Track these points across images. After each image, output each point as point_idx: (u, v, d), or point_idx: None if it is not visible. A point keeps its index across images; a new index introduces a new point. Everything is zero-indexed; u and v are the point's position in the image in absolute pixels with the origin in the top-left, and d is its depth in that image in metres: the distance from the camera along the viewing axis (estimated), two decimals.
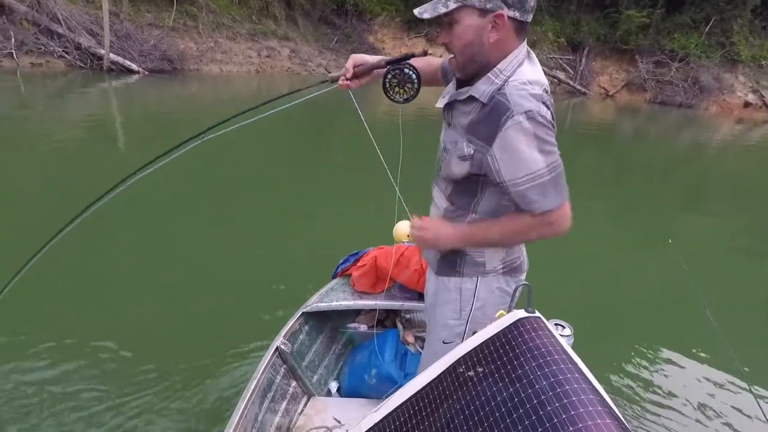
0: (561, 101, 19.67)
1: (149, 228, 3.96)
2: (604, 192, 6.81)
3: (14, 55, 10.21)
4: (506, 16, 1.07)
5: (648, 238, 5.28)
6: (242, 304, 3.00)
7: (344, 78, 1.36)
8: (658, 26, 21.38)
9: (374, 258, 2.10)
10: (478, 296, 1.35)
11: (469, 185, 1.24)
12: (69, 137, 6.57)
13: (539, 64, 1.19)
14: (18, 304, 2.55)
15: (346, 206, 4.99)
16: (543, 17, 21.89)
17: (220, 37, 15.38)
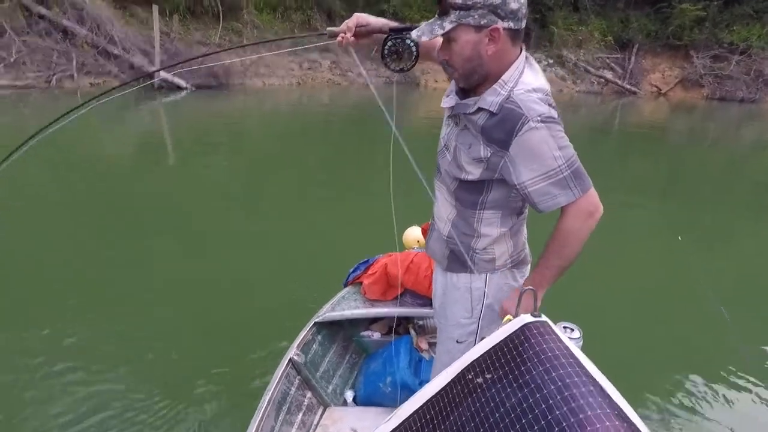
0: (609, 102, 18.90)
1: (160, 237, 4.05)
2: (637, 198, 6.38)
3: (75, 76, 10.99)
4: (501, 28, 1.11)
5: (663, 238, 4.84)
6: (254, 315, 2.99)
7: (344, 35, 1.34)
8: (715, 19, 20.11)
9: (384, 265, 2.08)
10: (488, 294, 1.36)
11: (477, 183, 1.26)
12: (122, 152, 6.97)
13: (539, 68, 1.23)
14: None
15: (356, 213, 4.94)
16: (589, 16, 21.18)
17: (264, 52, 15.91)
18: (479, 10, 1.09)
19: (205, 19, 14.43)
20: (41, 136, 1.54)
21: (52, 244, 3.82)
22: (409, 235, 2.34)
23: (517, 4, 1.12)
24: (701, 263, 4.19)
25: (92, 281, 3.29)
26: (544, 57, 20.65)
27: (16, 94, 9.98)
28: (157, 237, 4.02)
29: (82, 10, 11.50)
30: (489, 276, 1.36)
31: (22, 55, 10.50)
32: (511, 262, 1.37)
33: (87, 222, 4.30)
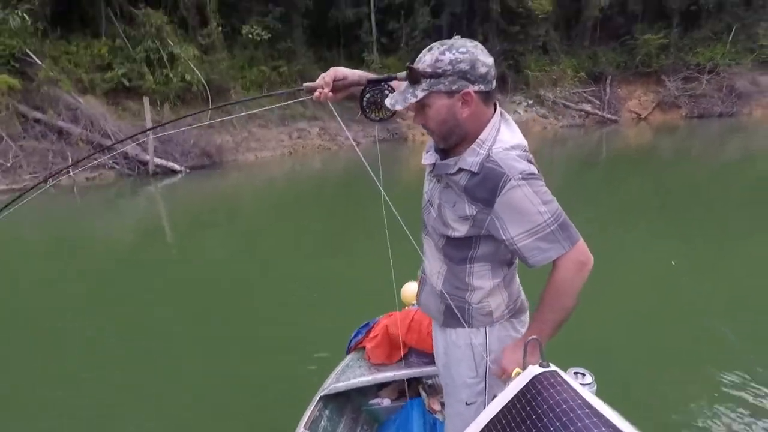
0: (593, 133, 19.36)
1: (162, 317, 3.97)
2: (633, 220, 6.34)
3: (71, 172, 11.26)
4: (472, 92, 1.14)
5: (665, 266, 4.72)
6: (253, 395, 2.83)
7: (321, 90, 1.33)
8: (678, 44, 21.15)
9: (385, 327, 2.03)
10: (491, 348, 1.33)
11: (465, 239, 1.26)
12: (119, 242, 6.96)
13: (515, 124, 1.25)
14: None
15: (352, 276, 4.83)
16: (559, 56, 22.19)
17: (253, 127, 16.43)
18: (450, 77, 1.12)
19: (194, 104, 15.01)
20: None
21: (58, 335, 3.76)
22: (407, 290, 2.30)
23: (486, 68, 1.15)
24: (698, 286, 4.09)
25: (106, 356, 3.24)
26: (523, 98, 21.40)
27: (12, 196, 10.16)
28: (160, 317, 3.94)
29: (77, 110, 11.97)
30: (488, 329, 1.33)
31: (18, 160, 10.78)
32: (508, 313, 1.35)
33: (93, 311, 4.24)
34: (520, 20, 19.78)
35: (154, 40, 13.44)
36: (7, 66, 11.33)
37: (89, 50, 13.32)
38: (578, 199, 8.06)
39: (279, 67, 17.32)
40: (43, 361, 3.35)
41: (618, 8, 21.90)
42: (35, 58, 11.72)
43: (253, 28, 16.14)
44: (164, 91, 13.91)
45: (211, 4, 15.33)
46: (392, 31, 20.29)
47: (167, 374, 3.14)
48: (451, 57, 1.11)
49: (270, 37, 16.49)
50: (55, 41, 12.94)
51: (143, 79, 13.44)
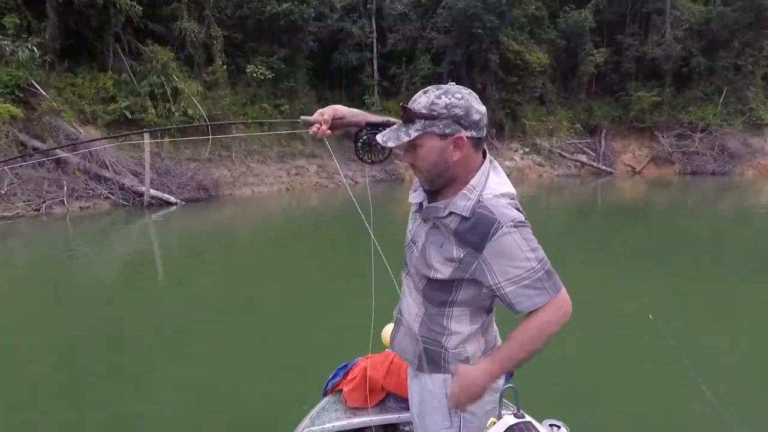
0: (588, 183, 19.62)
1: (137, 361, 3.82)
2: (622, 271, 6.29)
3: (65, 201, 11.18)
4: (465, 137, 1.17)
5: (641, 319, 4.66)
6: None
7: (319, 126, 1.38)
8: (671, 103, 21.82)
9: (364, 369, 1.98)
10: None
11: (446, 282, 1.25)
12: (109, 275, 6.85)
13: (503, 172, 1.27)
14: None
15: (335, 315, 4.80)
16: (555, 108, 22.80)
17: (252, 162, 16.55)
18: (444, 120, 1.15)
19: (194, 138, 15.17)
20: None
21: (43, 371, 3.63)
22: (387, 332, 2.21)
23: (479, 115, 1.17)
24: (679, 338, 4.04)
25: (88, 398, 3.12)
26: (520, 146, 21.80)
27: (4, 224, 10.02)
28: (136, 346, 3.78)
29: (76, 140, 12.04)
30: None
31: (13, 187, 10.72)
32: (482, 357, 1.32)
33: (78, 345, 4.12)
34: (518, 72, 20.43)
35: (160, 75, 13.72)
36: (11, 95, 11.48)
37: (94, 83, 13.56)
38: (570, 246, 8.09)
39: (281, 106, 17.66)
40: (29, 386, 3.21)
41: (612, 66, 22.72)
42: (40, 88, 11.89)
43: (257, 68, 16.56)
44: (165, 124, 14.05)
45: (218, 44, 15.75)
46: (394, 76, 20.86)
47: (133, 407, 3.02)
48: (447, 101, 1.14)
49: (273, 76, 16.90)
50: (62, 73, 13.20)
51: (146, 112, 13.63)
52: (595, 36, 22.45)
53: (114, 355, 3.95)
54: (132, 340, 4.27)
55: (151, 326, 4.61)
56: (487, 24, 18.56)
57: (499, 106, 20.78)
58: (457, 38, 19.53)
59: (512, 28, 20.17)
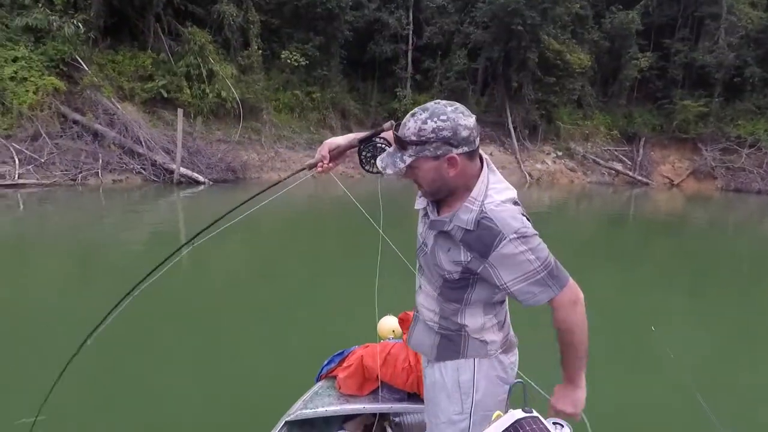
0: (621, 192, 18.95)
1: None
2: (646, 285, 6.04)
3: (99, 173, 11.63)
4: (456, 155, 1.21)
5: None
6: (217, 414, 2.76)
7: (322, 164, 1.46)
8: (719, 114, 20.73)
9: (360, 357, 1.99)
10: (478, 386, 1.38)
11: (460, 281, 1.32)
12: (137, 246, 7.13)
13: (499, 174, 1.31)
14: None
15: (329, 303, 4.81)
16: (593, 112, 22.07)
17: (281, 148, 16.76)
18: (434, 144, 1.19)
19: (226, 120, 15.46)
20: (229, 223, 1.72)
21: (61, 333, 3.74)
22: (384, 324, 2.26)
23: (467, 131, 1.20)
24: (688, 351, 3.93)
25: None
26: (552, 149, 21.24)
27: (42, 191, 10.52)
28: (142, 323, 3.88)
29: (114, 115, 12.47)
30: (477, 365, 1.38)
31: (52, 156, 11.23)
32: (500, 348, 1.40)
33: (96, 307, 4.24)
34: (557, 72, 19.84)
35: (197, 56, 14.01)
36: (56, 69, 11.95)
37: (134, 61, 13.98)
38: (593, 254, 7.86)
39: (312, 93, 17.77)
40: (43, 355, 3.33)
41: (657, 71, 21.76)
42: (83, 63, 12.34)
43: (291, 54, 16.68)
44: (199, 104, 14.39)
45: (255, 29, 15.92)
46: (427, 70, 20.64)
47: (134, 384, 3.09)
48: (434, 125, 1.19)
49: (307, 63, 16.98)
50: (104, 50, 13.66)
51: (181, 91, 13.96)
52: (642, 39, 21.53)
53: (131, 327, 4.06)
54: (147, 312, 4.38)
55: (165, 301, 4.72)
56: (528, 21, 18.06)
57: (534, 106, 20.27)
58: (496, 34, 19.10)
59: (554, 26, 19.56)
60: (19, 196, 9.89)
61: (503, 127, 20.63)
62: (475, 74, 20.77)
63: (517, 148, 20.25)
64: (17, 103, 11.17)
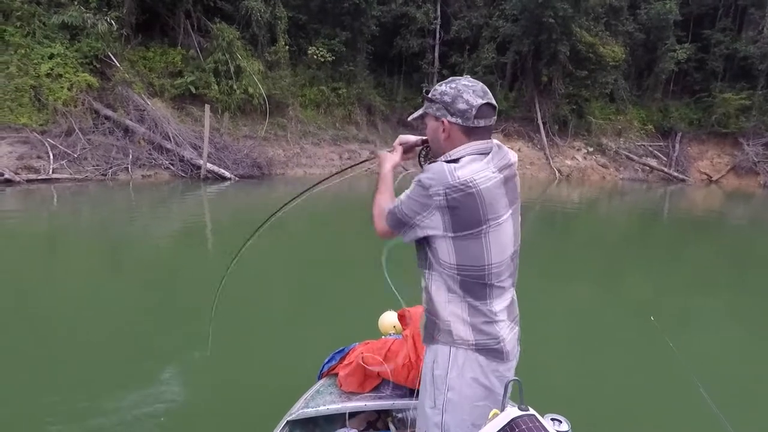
0: (656, 189, 18.27)
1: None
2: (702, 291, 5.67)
3: (129, 169, 11.83)
4: (448, 122, 1.36)
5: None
6: (220, 413, 2.69)
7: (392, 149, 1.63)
8: (762, 107, 19.71)
9: (361, 355, 1.99)
10: (451, 384, 1.37)
11: (419, 240, 1.41)
12: (166, 239, 7.20)
13: (483, 164, 1.33)
14: None
15: (334, 300, 4.70)
16: (626, 106, 21.33)
17: (306, 144, 16.77)
18: (437, 104, 1.37)
19: (253, 116, 15.55)
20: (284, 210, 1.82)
21: (89, 318, 3.87)
22: (384, 319, 2.27)
23: (466, 105, 1.32)
24: (692, 345, 3.73)
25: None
26: (583, 145, 20.62)
27: (75, 185, 10.76)
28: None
29: (144, 111, 12.66)
30: (452, 360, 1.37)
31: (85, 152, 11.47)
32: (475, 345, 1.36)
33: (128, 304, 4.32)
34: (589, 65, 19.21)
35: (225, 52, 14.09)
36: (90, 66, 12.20)
37: (164, 57, 14.17)
38: (624, 252, 7.52)
39: (338, 89, 17.70)
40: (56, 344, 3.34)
41: (696, 63, 20.86)
42: (115, 60, 12.57)
43: (318, 50, 16.63)
44: (227, 101, 14.49)
45: (282, 24, 15.94)
46: (455, 65, 20.30)
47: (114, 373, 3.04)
48: (443, 89, 1.35)
49: (333, 59, 16.91)
50: (136, 47, 13.89)
51: (209, 88, 14.08)
52: (679, 30, 20.65)
53: (155, 315, 4.10)
54: (168, 300, 4.45)
55: (186, 293, 4.72)
56: (559, 12, 17.52)
57: (565, 101, 19.71)
58: (526, 27, 18.62)
59: (587, 18, 18.94)
60: (53, 190, 10.12)
61: (532, 122, 20.14)
62: (504, 69, 20.32)
63: (546, 144, 19.73)
64: (53, 99, 11.44)
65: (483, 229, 1.31)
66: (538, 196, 15.33)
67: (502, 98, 19.80)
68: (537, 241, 9.11)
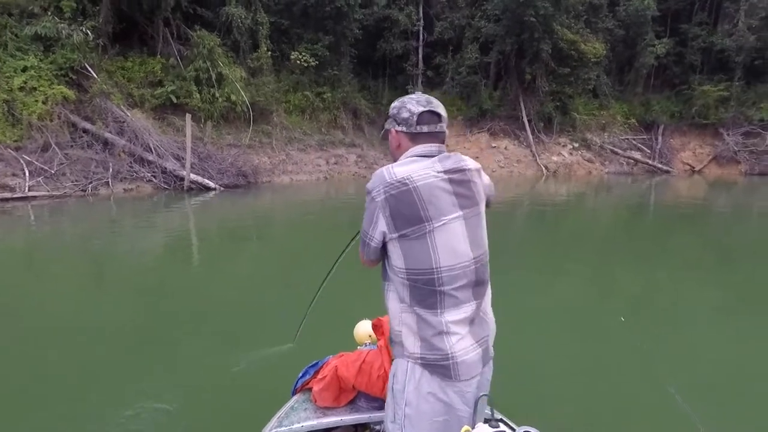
0: (641, 181, 18.46)
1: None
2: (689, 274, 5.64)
3: (110, 183, 11.48)
4: (396, 131, 1.45)
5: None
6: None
7: None
8: (740, 98, 20.11)
9: (334, 368, 1.94)
10: (408, 399, 1.36)
11: (383, 256, 1.45)
12: (148, 255, 6.92)
13: (431, 161, 1.38)
14: None
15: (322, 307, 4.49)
16: (609, 101, 21.55)
17: (292, 150, 16.54)
18: (389, 118, 1.48)
19: (237, 124, 15.27)
20: None
21: (82, 338, 3.73)
22: (359, 329, 2.21)
23: (408, 114, 1.41)
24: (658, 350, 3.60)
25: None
26: (569, 141, 20.76)
27: (53, 203, 10.38)
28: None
29: (123, 123, 12.31)
30: (410, 374, 1.35)
31: (62, 167, 11.09)
32: (421, 360, 1.33)
33: (116, 316, 4.16)
34: (571, 62, 19.35)
35: (206, 60, 13.82)
36: (65, 78, 11.83)
37: (143, 67, 13.84)
38: (610, 247, 7.48)
39: (323, 94, 17.52)
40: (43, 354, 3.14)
41: (675, 57, 21.18)
42: (92, 71, 12.21)
43: (301, 55, 16.45)
44: (209, 109, 14.21)
45: (264, 30, 15.71)
46: (439, 66, 20.29)
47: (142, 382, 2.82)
48: (393, 104, 1.48)
49: (317, 63, 16.74)
50: (113, 57, 13.54)
51: (190, 96, 13.79)
52: (657, 26, 20.96)
53: (141, 334, 3.90)
54: (154, 319, 4.26)
55: (172, 310, 4.52)
56: (540, 11, 17.62)
57: (549, 98, 19.82)
58: (508, 27, 18.68)
59: (567, 16, 19.09)
60: (30, 209, 9.75)
61: (517, 120, 20.21)
62: (488, 68, 20.37)
63: (532, 141, 19.82)
64: (27, 113, 11.05)
65: (426, 228, 1.30)
66: (525, 193, 15.36)
67: (487, 98, 19.83)
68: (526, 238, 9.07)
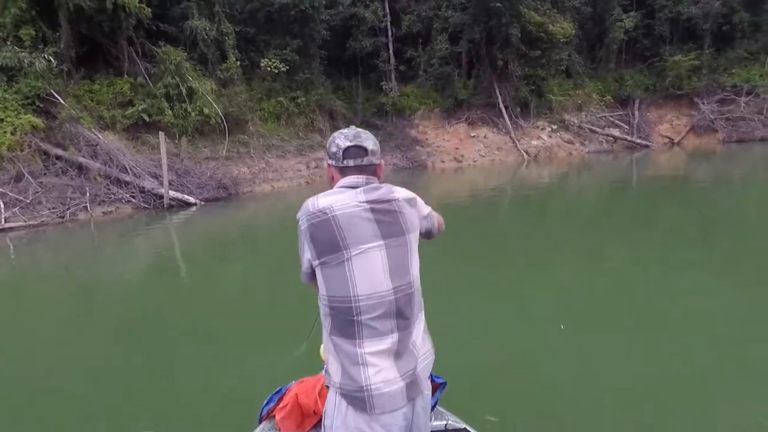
0: (622, 158, 18.60)
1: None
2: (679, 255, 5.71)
3: (88, 207, 11.40)
4: (328, 164, 1.54)
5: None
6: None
7: None
8: (711, 66, 20.28)
9: (295, 395, 1.95)
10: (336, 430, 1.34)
11: None
12: (133, 279, 6.90)
13: (356, 192, 1.41)
14: None
15: (265, 334, 4.29)
16: (583, 80, 21.65)
17: (271, 158, 16.48)
18: (326, 154, 1.54)
19: (212, 136, 15.19)
20: None
21: (71, 365, 3.76)
22: (323, 349, 2.10)
23: (335, 148, 1.49)
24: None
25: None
26: (547, 124, 20.84)
27: (31, 232, 10.30)
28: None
29: (96, 146, 12.22)
30: (337, 405, 1.33)
31: (38, 196, 11.00)
32: (340, 390, 1.32)
33: (103, 341, 4.21)
34: (541, 45, 19.41)
35: (174, 76, 13.73)
36: (32, 106, 11.71)
37: (111, 88, 13.72)
38: (593, 227, 7.55)
39: (297, 98, 17.47)
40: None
41: (644, 30, 21.30)
42: (59, 97, 12.09)
43: (271, 61, 16.37)
44: (182, 124, 14.13)
45: (230, 40, 15.63)
46: (410, 59, 20.28)
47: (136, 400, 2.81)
48: (329, 140, 1.54)
49: (288, 69, 16.67)
50: (79, 81, 13.40)
51: (162, 113, 13.71)
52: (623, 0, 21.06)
53: (135, 357, 3.90)
54: (150, 341, 4.28)
55: (163, 331, 4.54)
56: None
57: (523, 82, 19.88)
58: (475, 14, 18.71)
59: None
60: (9, 241, 9.67)
61: (494, 107, 20.25)
62: (459, 58, 20.39)
63: (511, 128, 19.88)
64: None
65: (344, 255, 1.31)
66: (507, 181, 15.43)
67: (462, 87, 19.85)
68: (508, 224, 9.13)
